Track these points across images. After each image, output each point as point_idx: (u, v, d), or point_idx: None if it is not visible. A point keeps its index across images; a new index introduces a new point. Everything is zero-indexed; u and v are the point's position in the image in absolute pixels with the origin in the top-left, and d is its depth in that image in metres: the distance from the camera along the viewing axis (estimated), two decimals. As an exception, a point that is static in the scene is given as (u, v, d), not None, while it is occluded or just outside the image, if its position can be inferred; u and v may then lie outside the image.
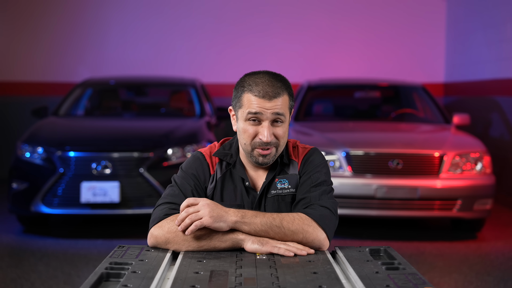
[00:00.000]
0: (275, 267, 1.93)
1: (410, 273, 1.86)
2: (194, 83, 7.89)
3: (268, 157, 2.25)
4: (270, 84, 2.21)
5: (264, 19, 10.12)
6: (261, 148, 2.23)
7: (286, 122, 2.25)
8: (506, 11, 8.18)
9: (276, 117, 2.21)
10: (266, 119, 2.20)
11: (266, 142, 2.20)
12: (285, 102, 2.23)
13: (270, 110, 2.19)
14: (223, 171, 2.34)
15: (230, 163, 2.34)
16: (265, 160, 2.25)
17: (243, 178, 2.31)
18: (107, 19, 10.12)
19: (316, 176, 2.29)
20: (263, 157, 2.24)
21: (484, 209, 6.06)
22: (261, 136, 2.21)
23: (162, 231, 2.14)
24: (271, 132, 2.21)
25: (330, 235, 2.17)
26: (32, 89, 10.00)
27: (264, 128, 2.20)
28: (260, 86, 2.20)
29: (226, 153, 2.35)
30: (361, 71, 10.05)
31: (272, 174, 2.32)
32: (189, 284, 1.75)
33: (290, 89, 2.27)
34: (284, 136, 2.25)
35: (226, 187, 2.32)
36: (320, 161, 2.35)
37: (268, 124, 2.20)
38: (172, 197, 2.26)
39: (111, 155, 6.04)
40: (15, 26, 10.00)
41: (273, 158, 2.27)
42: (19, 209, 6.21)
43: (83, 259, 5.33)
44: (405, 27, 10.22)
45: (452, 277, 4.93)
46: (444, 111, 7.50)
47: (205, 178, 2.32)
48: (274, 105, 2.19)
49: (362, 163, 6.10)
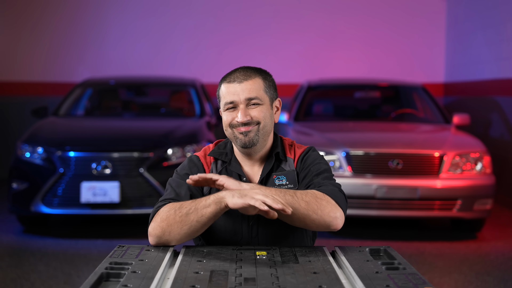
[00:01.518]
0: (275, 267, 1.93)
1: (410, 273, 1.86)
2: (194, 83, 7.89)
3: (250, 134, 2.27)
4: (241, 71, 2.30)
5: (264, 19, 10.12)
6: (240, 126, 2.27)
7: (265, 105, 2.29)
8: (506, 11, 8.18)
9: (249, 101, 2.26)
10: (240, 103, 2.26)
11: (241, 121, 2.24)
12: (257, 85, 2.28)
13: (241, 94, 2.25)
14: (218, 169, 2.37)
15: (226, 161, 2.37)
16: (247, 138, 2.27)
17: (239, 174, 2.34)
18: (107, 19, 10.12)
19: (316, 167, 2.33)
20: (244, 135, 2.27)
21: (484, 209, 6.06)
22: (236, 118, 2.26)
23: (156, 223, 2.15)
24: (245, 113, 2.25)
25: (344, 210, 2.19)
26: (32, 89, 10.00)
27: (238, 111, 2.26)
28: (232, 74, 2.30)
29: (221, 152, 2.39)
30: (361, 71, 10.05)
31: (268, 169, 2.34)
32: (189, 284, 1.75)
33: (265, 75, 2.33)
34: (264, 117, 2.28)
35: None
36: (317, 156, 2.39)
37: (243, 106, 2.26)
38: (167, 196, 2.29)
39: (111, 155, 6.04)
40: (15, 26, 10.00)
41: (257, 138, 2.28)
42: (19, 209, 6.21)
43: (83, 259, 5.33)
44: (405, 27, 10.22)
45: (452, 277, 4.93)
46: (444, 111, 7.50)
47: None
48: (244, 89, 2.25)
49: (362, 163, 6.10)
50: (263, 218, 2.32)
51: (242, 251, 2.11)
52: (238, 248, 2.17)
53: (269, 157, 2.38)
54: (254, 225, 2.32)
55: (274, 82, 2.37)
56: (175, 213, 2.13)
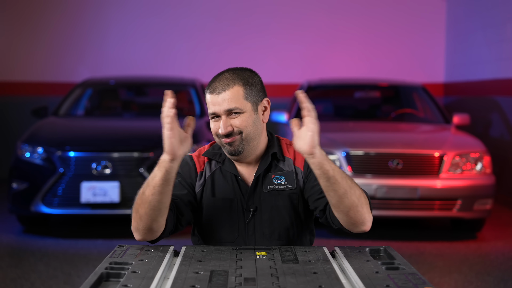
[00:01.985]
0: (275, 267, 1.93)
1: (410, 273, 1.86)
2: (194, 83, 7.89)
3: (234, 144, 2.28)
4: (221, 79, 2.29)
5: (264, 19, 10.12)
6: (223, 138, 2.28)
7: (247, 112, 2.28)
8: (506, 11, 8.18)
9: (230, 112, 2.26)
10: (221, 114, 2.27)
11: (223, 134, 2.26)
12: (236, 94, 2.26)
13: (221, 105, 2.26)
14: (212, 170, 2.38)
15: (220, 161, 2.38)
16: (232, 148, 2.28)
17: (233, 173, 2.35)
18: (107, 19, 10.12)
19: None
20: (229, 145, 2.28)
21: (484, 209, 6.06)
22: (219, 130, 2.28)
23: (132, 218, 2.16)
24: (226, 125, 2.26)
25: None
26: (32, 89, 10.00)
27: (219, 122, 2.28)
28: (213, 82, 2.31)
29: (216, 152, 2.40)
30: (361, 71, 10.05)
31: (262, 168, 2.34)
32: (189, 284, 1.75)
33: (246, 80, 2.30)
34: (246, 125, 2.28)
35: (217, 184, 2.36)
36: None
37: (224, 117, 2.27)
38: None
39: (111, 155, 6.04)
40: (15, 26, 10.00)
41: (242, 147, 2.29)
42: (19, 209, 6.21)
43: (83, 259, 5.33)
44: (405, 27, 10.22)
45: (452, 277, 4.93)
46: (444, 111, 7.50)
47: (190, 175, 2.37)
48: (222, 100, 2.26)
49: (362, 163, 6.10)
50: (260, 216, 2.33)
51: (242, 251, 2.11)
52: (238, 248, 2.17)
53: (264, 156, 2.38)
54: (251, 223, 2.33)
55: (259, 83, 2.34)
56: (137, 199, 2.13)
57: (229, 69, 2.34)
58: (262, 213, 2.33)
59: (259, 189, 2.34)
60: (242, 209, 2.34)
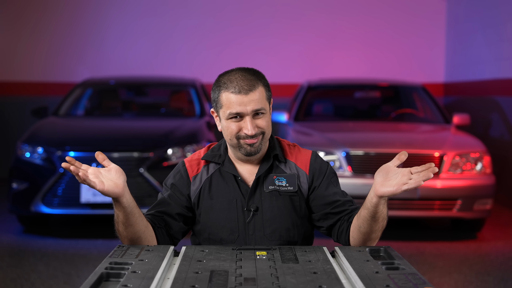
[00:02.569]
0: (275, 267, 1.93)
1: (410, 273, 1.86)
2: (194, 83, 7.89)
3: (256, 145, 2.29)
4: (243, 79, 2.26)
5: (264, 19, 10.12)
6: (247, 139, 2.28)
7: (267, 113, 2.31)
8: (506, 11, 8.18)
9: (256, 112, 2.26)
10: (247, 115, 2.25)
11: (251, 135, 2.25)
12: (262, 94, 2.27)
13: (248, 106, 2.24)
14: (210, 172, 2.39)
15: (219, 163, 2.38)
16: (253, 149, 2.30)
17: (234, 174, 2.36)
18: (107, 19, 10.12)
19: (335, 179, 2.43)
20: (251, 146, 2.29)
21: (484, 209, 6.06)
22: (245, 131, 2.26)
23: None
24: (254, 126, 2.26)
25: None
26: (32, 89, 10.00)
27: (247, 123, 2.25)
28: (235, 82, 2.26)
29: (215, 154, 2.41)
30: (361, 71, 10.05)
31: (264, 169, 2.35)
32: (189, 284, 1.75)
33: (264, 80, 2.32)
34: (268, 126, 2.31)
35: (215, 186, 2.37)
36: (326, 164, 2.44)
37: (250, 118, 2.25)
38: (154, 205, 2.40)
39: (111, 155, 6.04)
40: (15, 26, 10.00)
41: (260, 146, 2.31)
42: (19, 209, 6.21)
43: (83, 259, 5.33)
44: (405, 27, 10.22)
45: (452, 277, 4.93)
46: (444, 111, 7.50)
47: (183, 183, 2.39)
48: (251, 100, 2.24)
49: (362, 163, 6.10)
50: (261, 215, 2.33)
51: (242, 251, 2.11)
52: (238, 248, 2.17)
53: (265, 158, 2.38)
54: (251, 223, 2.33)
55: (268, 83, 2.36)
56: (117, 233, 2.26)
57: (240, 68, 2.32)
58: (264, 212, 2.33)
59: (260, 189, 2.35)
60: (242, 209, 2.34)
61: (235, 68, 2.32)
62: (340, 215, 2.34)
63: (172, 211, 2.35)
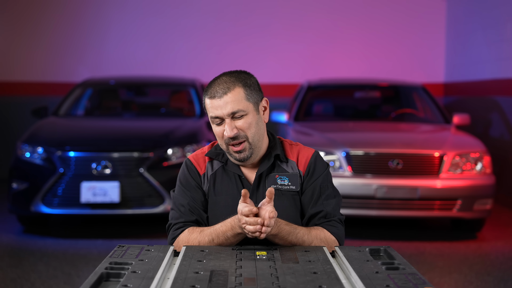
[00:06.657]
0: (275, 267, 1.93)
1: (410, 273, 1.86)
2: (194, 83, 7.89)
3: (244, 152, 2.30)
4: (221, 82, 2.28)
5: (265, 19, 10.12)
6: (232, 144, 2.29)
7: (250, 113, 2.29)
8: (506, 11, 8.18)
9: (234, 114, 2.26)
10: (225, 118, 2.27)
11: (229, 136, 2.26)
12: (238, 95, 2.26)
13: (224, 109, 2.25)
14: (214, 168, 2.40)
15: (222, 162, 2.39)
16: (241, 155, 2.30)
17: (237, 172, 2.36)
18: (107, 19, 10.12)
19: (325, 185, 2.38)
20: (238, 153, 2.30)
21: (484, 209, 6.06)
22: (225, 133, 2.27)
23: (178, 246, 2.28)
24: (232, 127, 2.26)
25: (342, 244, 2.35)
26: (32, 89, 10.00)
27: (223, 126, 2.28)
28: (212, 87, 2.29)
29: (218, 152, 2.41)
30: (361, 71, 10.05)
31: (263, 169, 2.36)
32: (189, 284, 1.75)
33: (247, 81, 2.31)
34: (249, 127, 2.29)
35: (219, 183, 2.38)
36: (325, 167, 2.42)
37: (229, 120, 2.26)
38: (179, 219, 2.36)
39: (111, 155, 6.04)
40: (15, 26, 10.00)
41: (251, 152, 2.31)
42: (19, 209, 6.21)
43: (83, 259, 5.33)
44: (405, 27, 10.22)
45: (452, 277, 4.93)
46: (444, 111, 7.50)
47: (197, 176, 2.40)
48: (226, 102, 2.25)
49: (362, 163, 6.10)
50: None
51: (242, 251, 2.11)
52: (238, 248, 2.17)
53: (266, 157, 2.38)
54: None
55: (257, 83, 2.35)
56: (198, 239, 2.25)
57: (224, 73, 2.34)
58: None
59: (262, 188, 2.35)
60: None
61: (222, 73, 2.34)
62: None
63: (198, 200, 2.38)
